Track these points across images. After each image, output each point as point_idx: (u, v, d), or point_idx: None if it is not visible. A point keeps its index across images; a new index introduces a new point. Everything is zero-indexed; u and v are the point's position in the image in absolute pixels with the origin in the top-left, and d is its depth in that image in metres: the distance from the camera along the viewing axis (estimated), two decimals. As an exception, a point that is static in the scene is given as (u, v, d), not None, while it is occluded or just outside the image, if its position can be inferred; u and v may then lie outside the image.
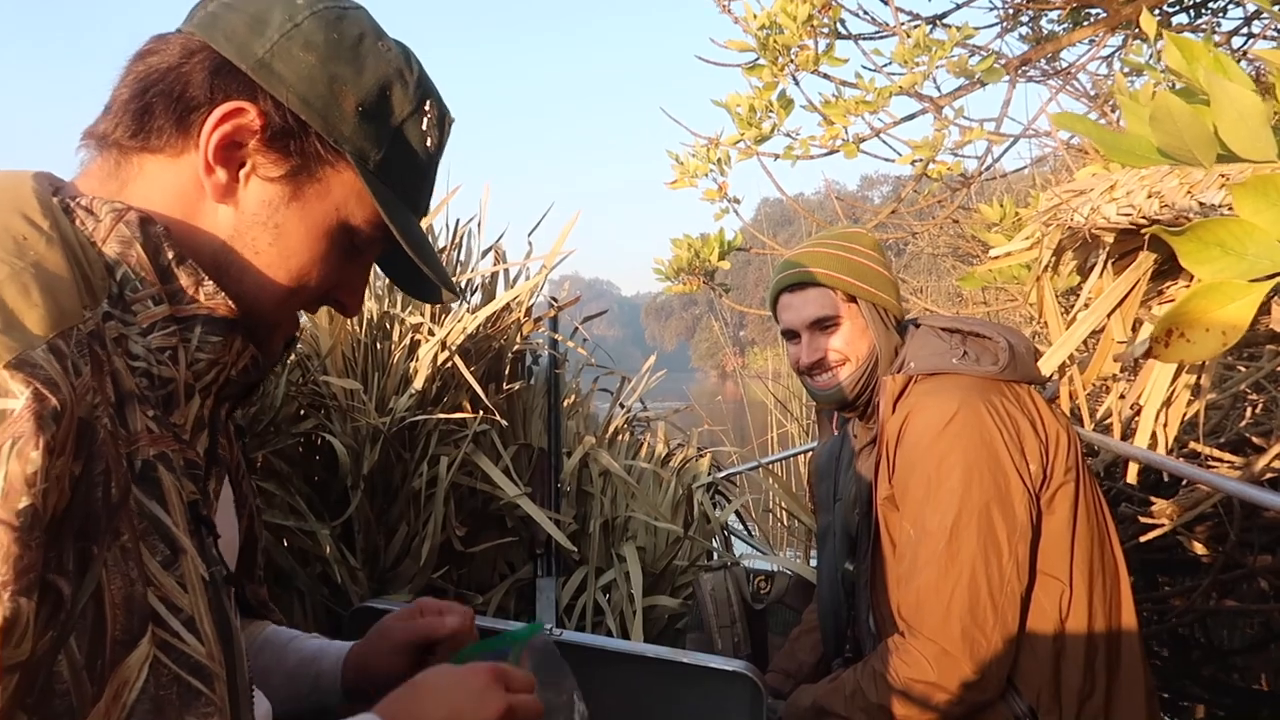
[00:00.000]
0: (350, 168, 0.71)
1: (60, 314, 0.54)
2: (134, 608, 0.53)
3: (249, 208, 0.69)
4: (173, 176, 0.67)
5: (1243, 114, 0.65)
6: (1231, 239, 0.62)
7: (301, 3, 0.70)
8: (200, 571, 0.59)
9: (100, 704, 0.51)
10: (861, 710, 1.36)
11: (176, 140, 0.67)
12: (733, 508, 2.57)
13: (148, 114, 0.66)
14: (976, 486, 1.32)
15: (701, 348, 62.39)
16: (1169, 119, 0.70)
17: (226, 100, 0.66)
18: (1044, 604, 1.36)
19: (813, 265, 1.53)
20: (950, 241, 4.96)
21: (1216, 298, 0.62)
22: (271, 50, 0.67)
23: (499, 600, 1.94)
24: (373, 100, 0.71)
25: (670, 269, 3.17)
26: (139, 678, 0.53)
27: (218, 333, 0.66)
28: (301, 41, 0.68)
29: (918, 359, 1.46)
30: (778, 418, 5.07)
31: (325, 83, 0.69)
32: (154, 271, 0.63)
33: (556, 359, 2.13)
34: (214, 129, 0.66)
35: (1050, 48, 2.81)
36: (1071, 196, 1.34)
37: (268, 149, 0.68)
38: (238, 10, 0.68)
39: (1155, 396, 1.29)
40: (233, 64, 0.67)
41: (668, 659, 1.30)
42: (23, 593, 0.46)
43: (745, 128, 2.81)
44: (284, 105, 0.67)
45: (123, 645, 0.52)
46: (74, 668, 0.50)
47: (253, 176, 0.68)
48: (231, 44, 0.67)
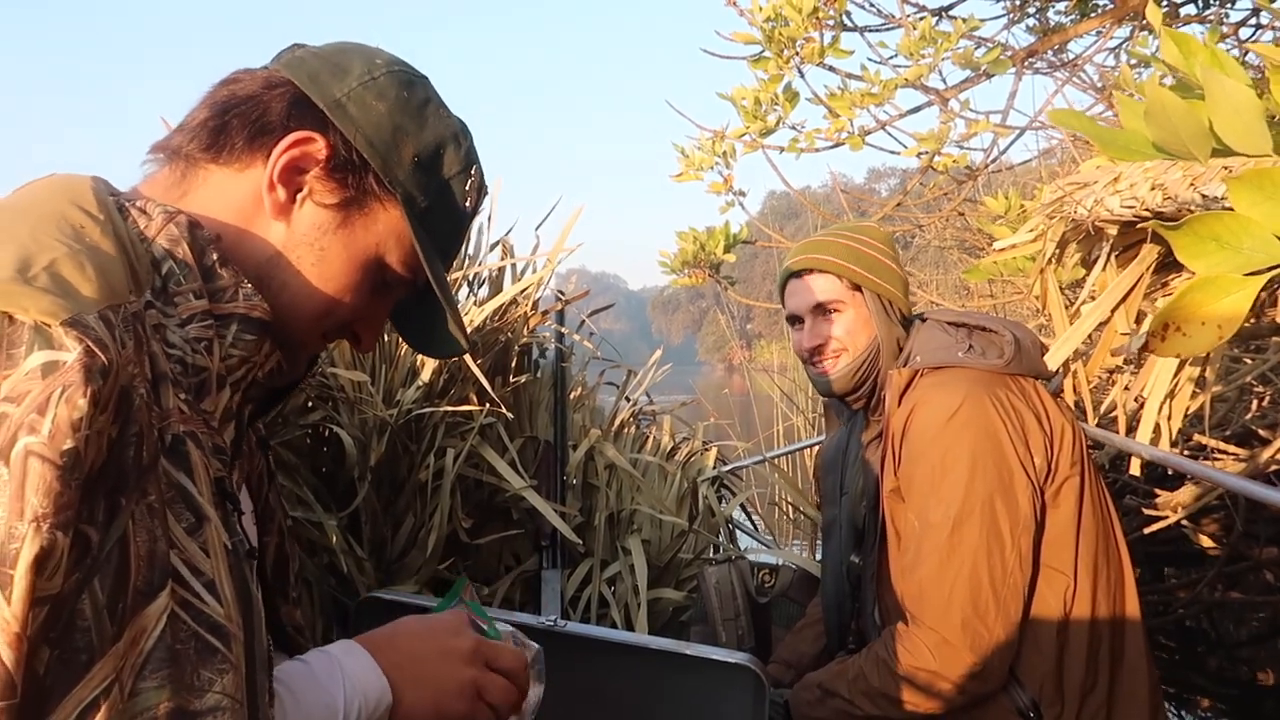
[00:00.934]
0: (398, 208, 0.78)
1: (110, 291, 0.58)
2: (155, 562, 0.56)
3: (300, 228, 0.75)
4: (235, 188, 0.74)
5: (1238, 108, 0.65)
6: (1227, 233, 0.62)
7: (380, 62, 0.78)
8: (223, 539, 0.62)
9: (119, 645, 0.53)
10: (864, 694, 1.37)
11: (246, 156, 0.74)
12: (737, 501, 2.57)
13: (223, 131, 0.73)
14: (980, 479, 1.33)
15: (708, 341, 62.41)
16: (1164, 114, 0.70)
17: (300, 129, 0.73)
18: (1048, 597, 1.36)
19: (821, 253, 1.54)
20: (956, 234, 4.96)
21: (1212, 291, 0.62)
22: (348, 95, 0.75)
23: (505, 592, 1.95)
24: (429, 154, 0.79)
25: (676, 262, 3.17)
26: (156, 627, 0.55)
27: (252, 332, 0.70)
28: (376, 92, 0.76)
29: (924, 352, 1.47)
30: (784, 411, 5.07)
31: (390, 130, 0.77)
32: (198, 269, 0.68)
33: (563, 352, 2.13)
34: (284, 151, 0.73)
35: (1057, 39, 2.80)
36: (1075, 189, 1.34)
37: (327, 177, 0.75)
38: (323, 58, 0.77)
39: (1159, 389, 1.29)
40: (310, 100, 0.74)
41: (671, 650, 1.31)
42: (59, 527, 0.49)
43: (751, 120, 2.81)
44: (350, 142, 0.75)
45: (143, 595, 0.55)
46: (96, 608, 0.52)
47: (309, 200, 0.75)
48: (314, 84, 0.75)
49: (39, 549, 0.48)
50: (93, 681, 0.52)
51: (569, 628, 1.35)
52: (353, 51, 0.79)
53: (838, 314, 1.53)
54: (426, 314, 0.87)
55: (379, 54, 0.80)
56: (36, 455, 0.49)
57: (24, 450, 0.49)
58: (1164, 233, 0.66)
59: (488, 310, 2.00)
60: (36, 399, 0.50)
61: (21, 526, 0.48)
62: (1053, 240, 1.46)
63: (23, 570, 0.48)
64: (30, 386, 0.51)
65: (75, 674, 0.51)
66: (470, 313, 1.98)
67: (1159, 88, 0.69)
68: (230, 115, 0.73)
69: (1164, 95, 0.70)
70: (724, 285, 3.32)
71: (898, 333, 1.53)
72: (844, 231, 1.58)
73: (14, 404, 0.50)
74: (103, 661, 0.52)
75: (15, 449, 0.49)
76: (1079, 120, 0.93)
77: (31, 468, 0.49)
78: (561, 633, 1.33)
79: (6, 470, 0.49)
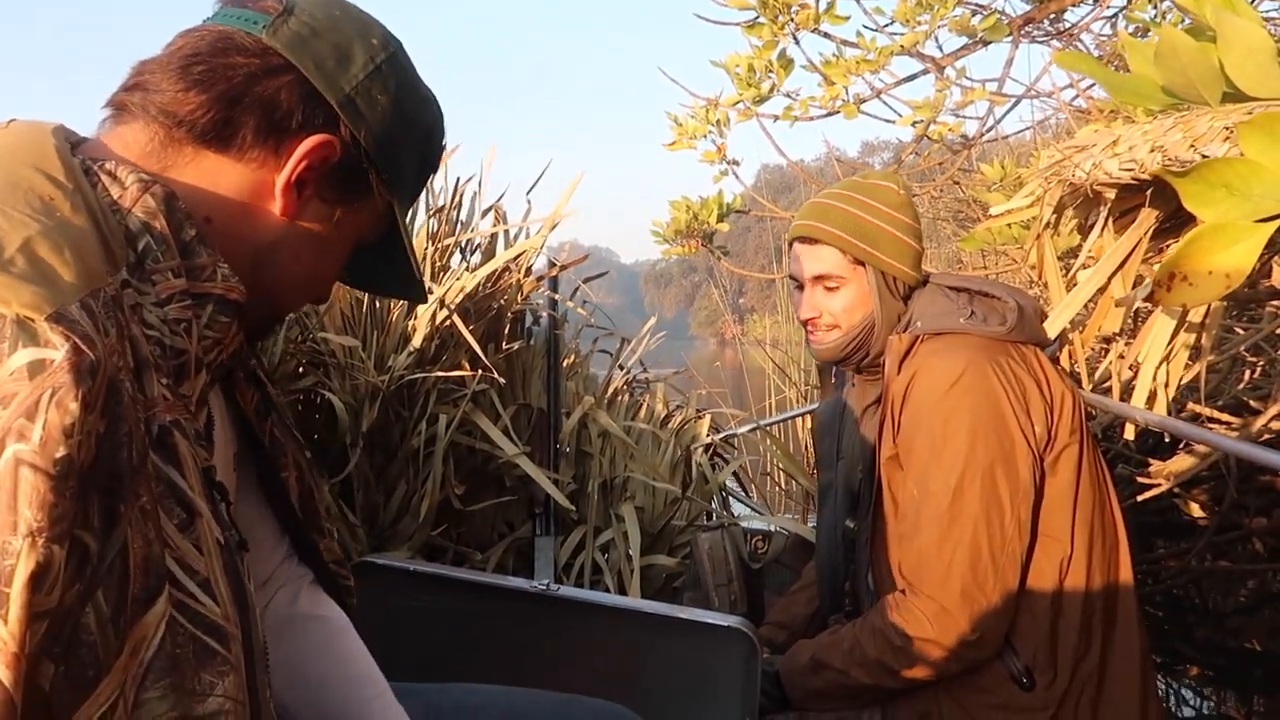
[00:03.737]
0: (385, 199, 0.79)
1: (89, 275, 0.55)
2: (151, 567, 0.54)
3: (303, 221, 0.75)
4: (233, 175, 0.71)
5: (1251, 49, 0.64)
6: (1238, 180, 0.61)
7: (376, 42, 0.76)
8: (215, 535, 0.61)
9: (120, 659, 0.51)
10: (859, 665, 1.37)
11: (255, 151, 0.71)
12: (731, 469, 2.57)
13: (230, 125, 0.70)
14: (981, 447, 1.32)
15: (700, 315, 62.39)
16: (1174, 55, 0.69)
17: (316, 132, 0.72)
18: (1043, 565, 1.36)
19: (828, 223, 1.50)
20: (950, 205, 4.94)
21: (1220, 239, 0.61)
22: (356, 89, 0.74)
23: (498, 558, 1.95)
24: (421, 141, 0.81)
25: (669, 231, 3.14)
26: (156, 635, 0.54)
27: (227, 315, 0.68)
28: (380, 84, 0.75)
29: (924, 318, 1.46)
30: (776, 383, 5.07)
31: (393, 125, 0.77)
32: (175, 246, 0.65)
33: (556, 319, 2.12)
34: (304, 157, 0.72)
35: (1054, 7, 2.77)
36: (1074, 152, 1.33)
37: (334, 176, 0.75)
38: (323, 38, 0.73)
39: (1154, 354, 1.28)
40: (319, 93, 0.72)
41: (664, 614, 1.31)
42: (55, 540, 0.47)
43: (745, 88, 2.79)
44: (360, 141, 0.75)
45: (141, 603, 0.53)
46: (100, 621, 0.50)
47: (313, 197, 0.75)
48: (321, 74, 0.72)
49: (35, 565, 0.46)
50: (100, 698, 0.50)
51: (562, 592, 1.35)
52: (348, 25, 0.75)
53: (836, 289, 1.51)
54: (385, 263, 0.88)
55: (372, 27, 0.77)
56: (28, 465, 0.47)
57: (14, 459, 0.46)
58: (1173, 180, 0.65)
59: (480, 277, 1.98)
60: (24, 403, 0.47)
61: (16, 542, 0.46)
62: (1050, 205, 1.45)
63: (19, 588, 0.46)
64: (16, 389, 0.48)
65: (83, 691, 0.49)
66: (463, 279, 1.97)
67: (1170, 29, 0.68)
68: (238, 110, 0.70)
69: (1175, 36, 0.69)
70: (717, 256, 3.30)
71: (897, 308, 1.50)
72: (856, 195, 1.52)
73: (1, 408, 0.47)
74: (109, 677, 0.51)
75: (4, 458, 0.47)
76: (1087, 63, 0.91)
77: (23, 478, 0.46)
78: (554, 596, 1.33)
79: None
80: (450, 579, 1.45)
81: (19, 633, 0.46)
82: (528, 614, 1.38)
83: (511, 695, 1.11)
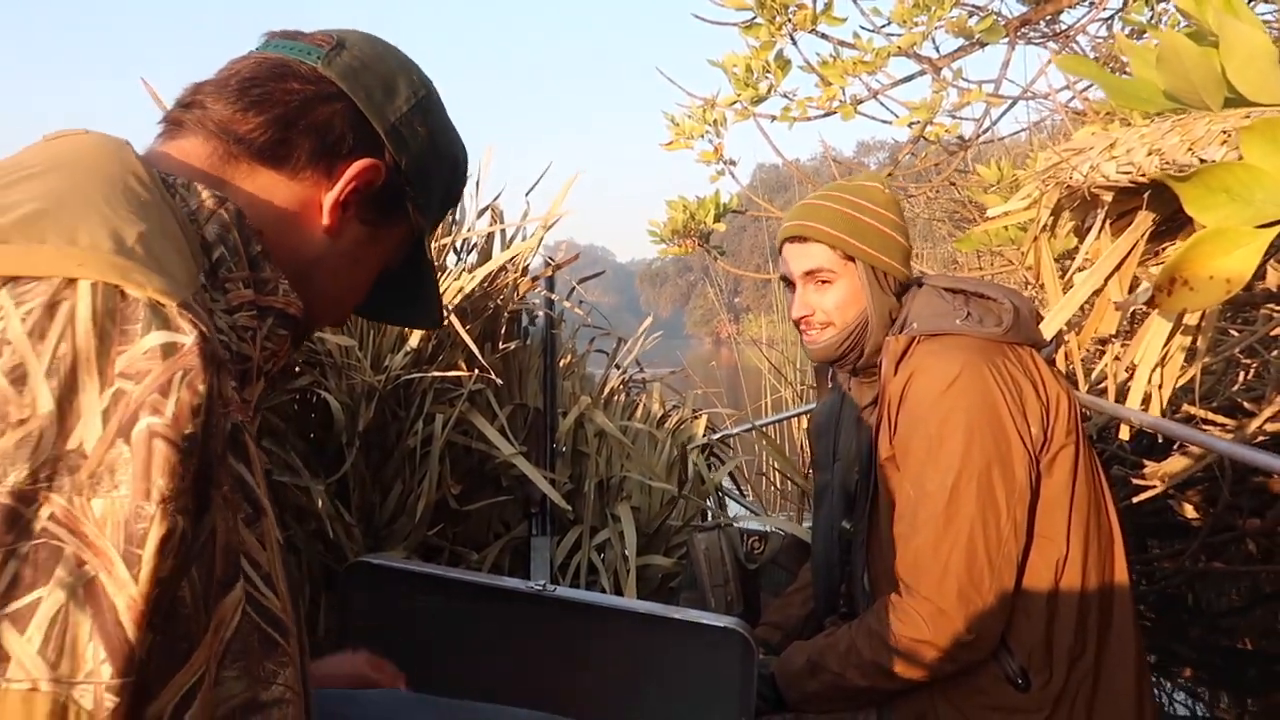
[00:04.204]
0: (413, 223, 0.85)
1: (189, 275, 0.59)
2: (230, 554, 0.56)
3: (343, 241, 0.80)
4: (284, 192, 0.75)
5: (1252, 54, 0.64)
6: (1238, 184, 0.61)
7: (417, 79, 0.83)
8: (276, 533, 0.62)
9: (207, 635, 0.53)
10: (855, 667, 1.37)
11: (306, 169, 0.76)
12: (726, 469, 2.57)
13: (285, 144, 0.74)
14: (978, 448, 1.32)
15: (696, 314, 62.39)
16: (1176, 60, 0.69)
17: (364, 155, 0.77)
18: (1039, 566, 1.36)
19: (817, 220, 1.51)
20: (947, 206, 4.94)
21: (1221, 244, 0.61)
22: (400, 119, 0.80)
23: (494, 558, 1.95)
24: (449, 173, 0.88)
25: (665, 231, 3.14)
26: (234, 618, 0.56)
27: (285, 327, 0.73)
28: (420, 116, 0.82)
29: (920, 319, 1.46)
30: (772, 383, 5.07)
31: (429, 156, 0.83)
32: (245, 259, 0.69)
33: (552, 319, 2.12)
34: (354, 178, 0.77)
35: (1050, 9, 2.77)
36: (1071, 155, 1.33)
37: (376, 198, 0.80)
38: (372, 71, 0.79)
39: (1149, 357, 1.28)
40: (367, 120, 0.78)
41: (659, 615, 1.30)
42: (179, 511, 0.50)
43: (742, 88, 2.79)
44: (402, 168, 0.80)
45: (223, 586, 0.55)
46: (194, 595, 0.52)
47: (354, 218, 0.79)
48: (370, 103, 0.78)
49: (164, 531, 0.49)
50: (192, 668, 0.52)
51: (558, 592, 1.34)
52: (392, 62, 0.82)
53: (828, 285, 1.52)
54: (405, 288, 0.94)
55: (412, 66, 0.84)
56: (161, 437, 0.49)
57: (148, 431, 0.49)
58: (1174, 185, 0.65)
59: (477, 277, 1.98)
60: (158, 380, 0.50)
61: (149, 507, 0.48)
62: (1047, 207, 1.45)
63: (150, 551, 0.48)
64: (150, 366, 0.50)
65: (177, 661, 0.51)
66: (460, 279, 1.97)
67: (1172, 33, 0.68)
68: (291, 131, 0.74)
69: (1177, 40, 0.69)
70: (713, 255, 3.31)
71: (890, 304, 1.51)
72: (844, 195, 1.54)
73: (133, 381, 0.50)
74: (199, 650, 0.52)
75: (138, 427, 0.49)
76: (1088, 67, 0.92)
77: (156, 449, 0.49)
78: (550, 597, 1.33)
79: (129, 449, 0.48)
80: (446, 579, 1.45)
81: (147, 592, 0.48)
82: (523, 614, 1.37)
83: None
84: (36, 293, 0.50)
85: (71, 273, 0.51)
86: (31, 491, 0.46)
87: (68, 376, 0.49)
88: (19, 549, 0.46)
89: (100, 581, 0.47)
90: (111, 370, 0.50)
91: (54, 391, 0.48)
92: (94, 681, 0.46)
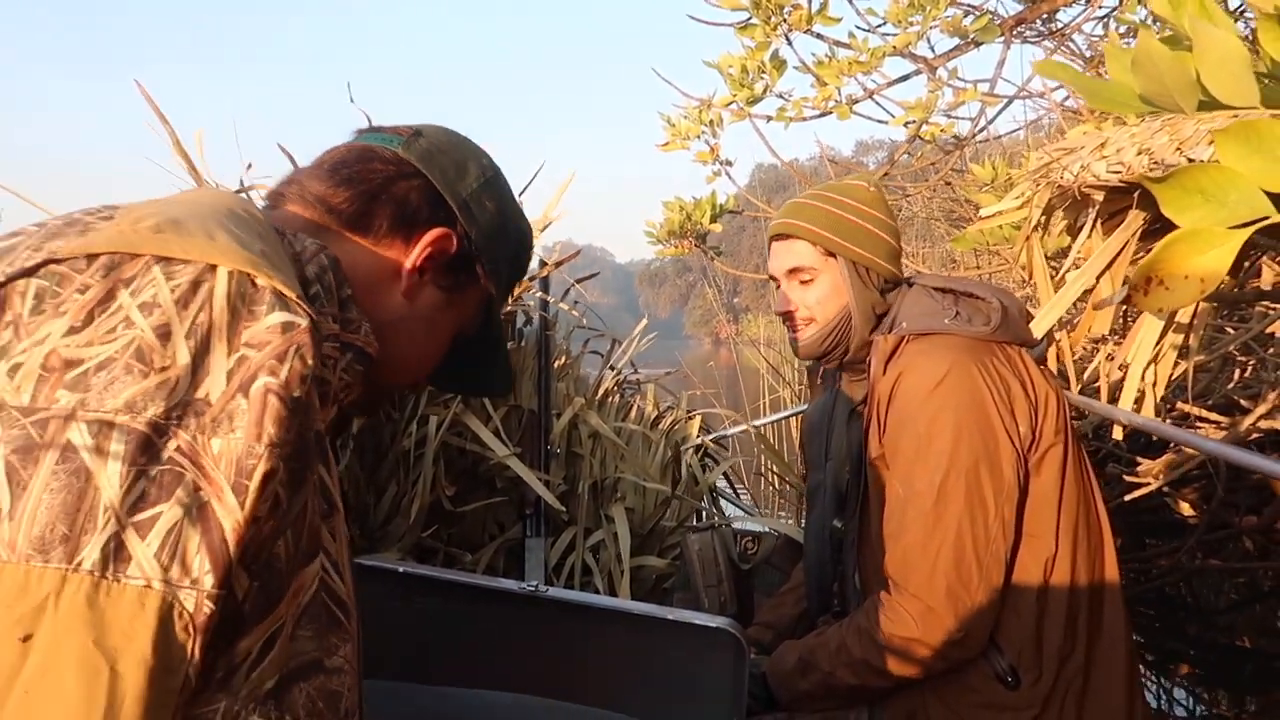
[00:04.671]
0: (485, 290, 0.94)
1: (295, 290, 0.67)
2: (313, 531, 0.64)
3: (419, 304, 0.88)
4: (368, 258, 0.84)
5: (1225, 58, 0.64)
6: (1213, 186, 0.61)
7: (485, 164, 0.94)
8: (344, 529, 0.69)
9: (289, 593, 0.61)
10: (845, 665, 1.37)
11: (387, 237, 0.85)
12: (720, 469, 2.57)
13: (368, 215, 0.84)
14: (965, 446, 1.32)
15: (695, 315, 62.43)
16: (1151, 64, 0.69)
17: (439, 225, 0.87)
18: (1028, 564, 1.37)
19: (799, 218, 1.53)
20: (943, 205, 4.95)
21: (1196, 244, 0.61)
22: (471, 195, 0.90)
23: (488, 560, 1.95)
24: (515, 245, 0.97)
25: (662, 232, 3.15)
26: (311, 587, 0.63)
27: (361, 364, 0.78)
28: (489, 193, 0.92)
29: (909, 319, 1.46)
30: (770, 383, 5.08)
31: (497, 227, 0.92)
32: (336, 300, 0.76)
33: (547, 320, 2.12)
34: (428, 245, 0.85)
35: (1045, 7, 2.78)
36: (1062, 154, 1.33)
37: (449, 266, 0.88)
38: (446, 154, 0.90)
39: (1141, 355, 1.29)
40: (442, 196, 0.88)
41: (652, 615, 1.31)
42: (282, 458, 0.57)
43: (737, 89, 2.79)
44: (471, 238, 0.89)
45: (305, 556, 0.63)
46: (287, 554, 0.61)
47: (429, 282, 0.88)
48: (444, 181, 0.88)
49: (269, 468, 0.56)
50: (276, 617, 0.60)
51: (551, 593, 1.34)
52: (464, 148, 0.93)
53: (810, 281, 1.53)
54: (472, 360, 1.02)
55: (481, 152, 0.95)
56: (274, 393, 0.57)
57: (264, 387, 0.57)
58: (1151, 186, 0.65)
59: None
60: (277, 349, 0.59)
61: (259, 448, 0.56)
62: (1038, 206, 1.45)
63: (255, 483, 0.56)
64: (271, 338, 0.59)
65: (266, 608, 0.59)
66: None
67: (1147, 37, 0.68)
68: (375, 203, 0.84)
69: (1152, 44, 0.69)
70: (710, 256, 3.31)
71: (873, 299, 1.52)
72: (828, 193, 1.56)
73: (255, 349, 0.58)
74: (283, 603, 0.60)
75: (256, 385, 0.57)
76: (1065, 72, 0.92)
77: (270, 403, 0.57)
78: (543, 597, 1.33)
79: (246, 402, 0.57)
80: (440, 580, 1.45)
81: (249, 517, 0.55)
82: (517, 615, 1.38)
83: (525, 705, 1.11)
84: (184, 273, 0.60)
85: (214, 260, 0.61)
86: (164, 425, 0.55)
87: (203, 340, 0.58)
88: (149, 470, 0.54)
89: (211, 506, 0.55)
90: (238, 340, 0.58)
91: (190, 350, 0.57)
92: (198, 588, 0.53)
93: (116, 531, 0.52)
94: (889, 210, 1.57)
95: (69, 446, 0.53)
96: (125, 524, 0.52)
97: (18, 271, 0.60)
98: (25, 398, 0.54)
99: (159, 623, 0.52)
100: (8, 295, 0.59)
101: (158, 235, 0.62)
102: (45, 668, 0.49)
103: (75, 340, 0.56)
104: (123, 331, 0.57)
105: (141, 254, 0.60)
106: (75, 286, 0.59)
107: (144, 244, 0.61)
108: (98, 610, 0.50)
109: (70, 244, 0.61)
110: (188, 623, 0.53)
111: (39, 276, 0.59)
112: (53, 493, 0.52)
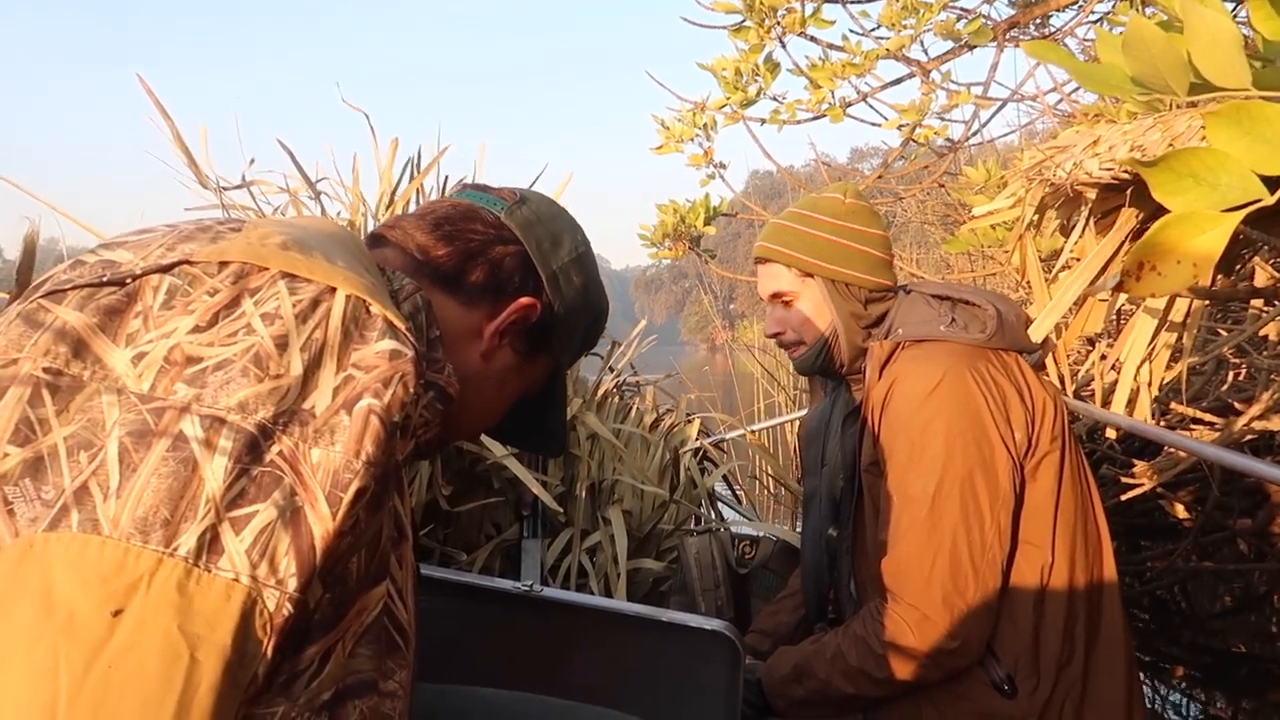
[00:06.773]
0: (555, 359, 0.98)
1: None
2: (384, 556, 0.66)
3: (494, 364, 0.90)
4: (456, 315, 0.87)
5: (1216, 38, 0.64)
6: (1204, 169, 0.61)
7: (579, 239, 0.97)
8: (412, 558, 0.72)
9: (353, 611, 0.63)
10: (841, 673, 1.36)
11: (477, 297, 0.87)
12: (719, 473, 2.57)
13: (462, 274, 0.87)
14: (960, 454, 1.32)
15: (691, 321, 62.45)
16: (1142, 45, 0.69)
17: (527, 294, 0.90)
18: (1025, 572, 1.35)
19: (774, 241, 1.54)
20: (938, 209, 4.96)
21: (1187, 228, 0.61)
22: (561, 268, 0.93)
23: (484, 560, 1.95)
24: (590, 323, 1.00)
25: (656, 235, 3.15)
26: (375, 609, 0.65)
27: (442, 403, 0.80)
28: (576, 269, 0.95)
29: (905, 325, 1.46)
30: (766, 388, 5.08)
31: (579, 304, 0.96)
32: (425, 339, 0.78)
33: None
34: (514, 311, 0.88)
35: (1038, 11, 2.79)
36: (1055, 153, 1.34)
37: (529, 332, 0.91)
38: (544, 226, 0.93)
39: (1135, 353, 1.29)
40: (534, 266, 0.91)
41: (647, 617, 1.30)
42: (375, 478, 0.59)
43: (731, 91, 2.80)
44: (555, 310, 0.92)
45: (372, 579, 0.64)
46: (358, 573, 0.63)
47: (506, 345, 0.91)
48: (539, 252, 0.91)
49: (362, 485, 0.58)
50: (341, 629, 0.62)
51: (545, 593, 1.34)
52: (562, 221, 0.96)
53: (791, 304, 1.54)
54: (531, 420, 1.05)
55: (576, 226, 0.98)
56: (376, 414, 0.60)
57: (367, 409, 0.60)
58: (1142, 171, 0.65)
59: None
60: (383, 374, 0.61)
61: (357, 464, 0.58)
62: (1031, 205, 1.46)
63: (349, 497, 0.57)
64: (378, 363, 0.62)
65: (333, 620, 0.61)
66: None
67: (1138, 18, 0.68)
68: (471, 263, 0.87)
69: (1142, 26, 0.69)
70: (704, 259, 3.31)
71: (855, 310, 1.51)
72: (802, 212, 1.55)
73: (363, 371, 0.61)
74: (347, 620, 0.62)
75: (359, 405, 0.60)
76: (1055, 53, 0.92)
77: (372, 423, 0.59)
78: (538, 598, 1.33)
79: (349, 419, 0.59)
80: (435, 580, 1.45)
81: (339, 529, 0.57)
82: (511, 615, 1.37)
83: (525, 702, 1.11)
84: (306, 290, 0.63)
85: (334, 282, 0.64)
86: (271, 429, 0.57)
87: (316, 354, 0.60)
88: (251, 470, 0.56)
89: (305, 512, 0.56)
90: (347, 360, 0.61)
91: (304, 362, 0.60)
92: (282, 589, 0.55)
93: (214, 523, 0.54)
94: (871, 219, 1.55)
95: (181, 436, 0.55)
96: (223, 517, 0.54)
97: (154, 266, 0.63)
98: (145, 385, 0.57)
99: (241, 617, 0.53)
100: (140, 288, 0.61)
101: (284, 252, 0.65)
102: (130, 644, 0.50)
103: (199, 339, 0.59)
104: (243, 337, 0.60)
105: (269, 267, 0.63)
106: (205, 289, 0.62)
107: (272, 258, 0.64)
108: (186, 596, 0.52)
109: (204, 249, 0.64)
110: (266, 621, 0.54)
111: (173, 274, 0.62)
112: (160, 478, 0.54)
